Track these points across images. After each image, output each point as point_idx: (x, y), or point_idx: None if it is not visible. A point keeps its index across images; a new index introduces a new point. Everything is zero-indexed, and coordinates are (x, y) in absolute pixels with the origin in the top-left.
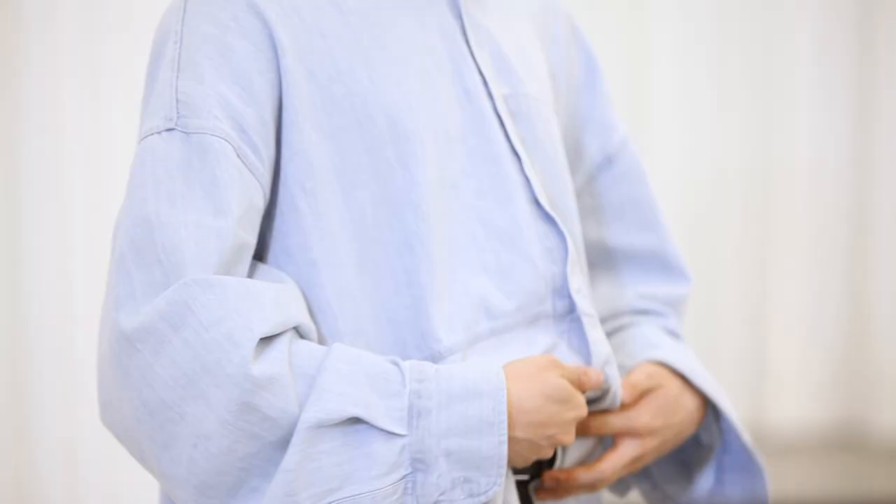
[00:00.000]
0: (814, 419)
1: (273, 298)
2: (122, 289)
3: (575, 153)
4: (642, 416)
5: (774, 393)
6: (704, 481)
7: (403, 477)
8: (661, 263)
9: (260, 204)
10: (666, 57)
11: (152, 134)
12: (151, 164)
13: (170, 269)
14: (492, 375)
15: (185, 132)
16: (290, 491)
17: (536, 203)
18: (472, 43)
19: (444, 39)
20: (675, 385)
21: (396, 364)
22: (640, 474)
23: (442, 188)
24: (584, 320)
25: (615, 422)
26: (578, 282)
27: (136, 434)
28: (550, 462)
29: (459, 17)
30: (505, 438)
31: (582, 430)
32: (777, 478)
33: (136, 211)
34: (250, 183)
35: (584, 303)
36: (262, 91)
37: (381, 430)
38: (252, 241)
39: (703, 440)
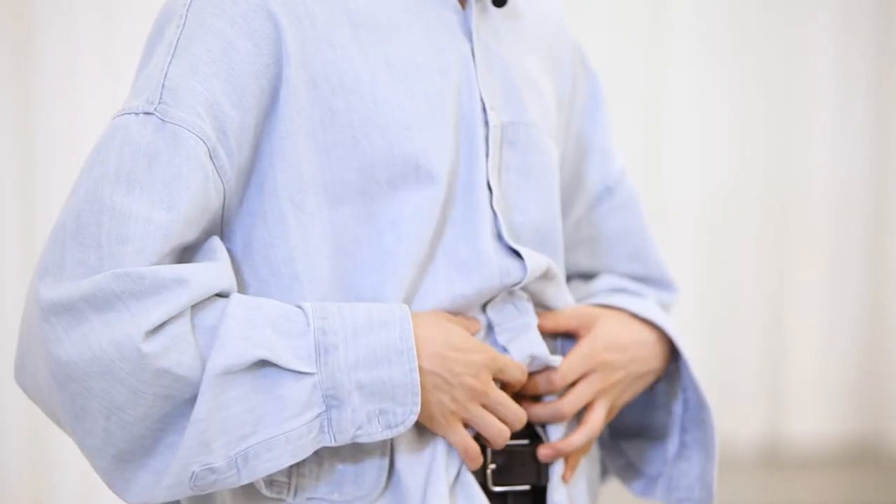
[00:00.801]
0: (832, 433)
1: (195, 280)
2: (51, 258)
3: (576, 181)
4: (586, 348)
5: (792, 406)
6: (671, 446)
7: (318, 416)
8: (647, 282)
9: (216, 207)
10: (684, 65)
11: (130, 113)
12: (120, 144)
13: (107, 256)
14: (395, 308)
15: (162, 119)
16: (203, 440)
17: (500, 237)
18: (479, 68)
19: (454, 62)
20: (616, 316)
21: (299, 306)
22: (613, 453)
23: (423, 213)
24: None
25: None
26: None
27: (49, 402)
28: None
29: (470, 41)
30: (416, 365)
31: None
32: (795, 491)
33: (92, 187)
34: (215, 186)
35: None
36: (253, 96)
37: (290, 370)
38: (197, 240)
39: (664, 400)
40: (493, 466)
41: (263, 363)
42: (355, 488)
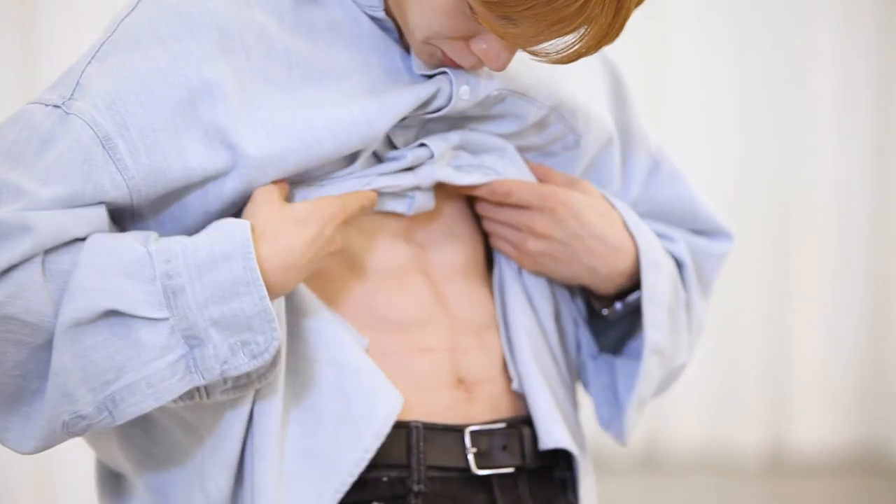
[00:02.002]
0: (836, 440)
1: (42, 226)
2: None
3: (625, 163)
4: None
5: (796, 414)
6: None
7: (181, 357)
8: (701, 236)
9: (115, 197)
10: (686, 68)
11: (41, 103)
12: (21, 126)
13: None
14: (236, 234)
15: (66, 112)
16: (65, 392)
17: None
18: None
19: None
20: (603, 208)
21: (146, 247)
22: (601, 370)
23: None
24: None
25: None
26: None
27: None
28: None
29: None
30: (264, 293)
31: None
32: (799, 499)
33: None
34: (105, 173)
35: None
36: (166, 102)
37: (143, 317)
38: (76, 228)
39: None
40: (474, 450)
41: (118, 313)
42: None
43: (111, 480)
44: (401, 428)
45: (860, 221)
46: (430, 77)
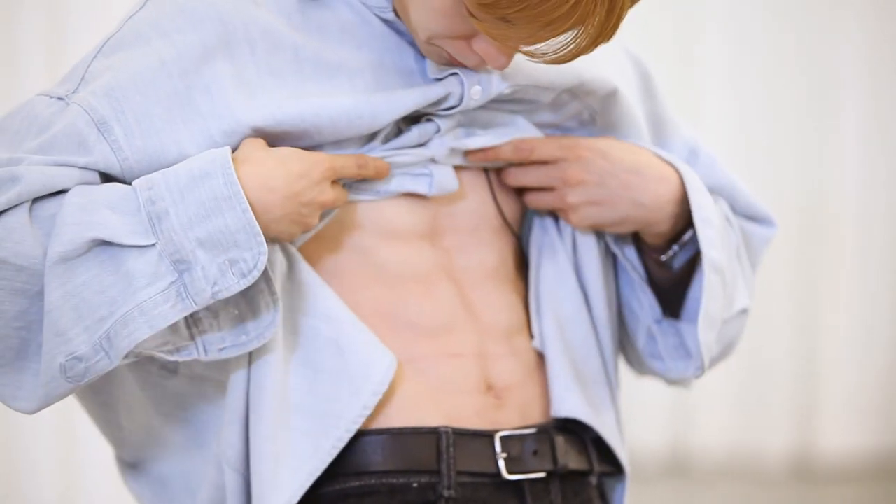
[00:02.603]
0: (863, 447)
1: (29, 176)
2: None
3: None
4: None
5: (823, 421)
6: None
7: (172, 283)
8: (745, 217)
9: (105, 171)
10: (717, 75)
11: (47, 95)
12: (25, 114)
13: None
14: (216, 155)
15: (67, 103)
16: (58, 331)
17: None
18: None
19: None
20: (632, 147)
21: (131, 185)
22: (668, 332)
23: None
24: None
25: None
26: None
27: None
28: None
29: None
30: (246, 206)
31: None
32: None
33: None
34: (99, 154)
35: None
36: (166, 92)
37: (130, 246)
38: (64, 180)
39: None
40: (504, 455)
41: (105, 245)
42: (256, 324)
43: (131, 472)
44: (430, 434)
45: (890, 229)
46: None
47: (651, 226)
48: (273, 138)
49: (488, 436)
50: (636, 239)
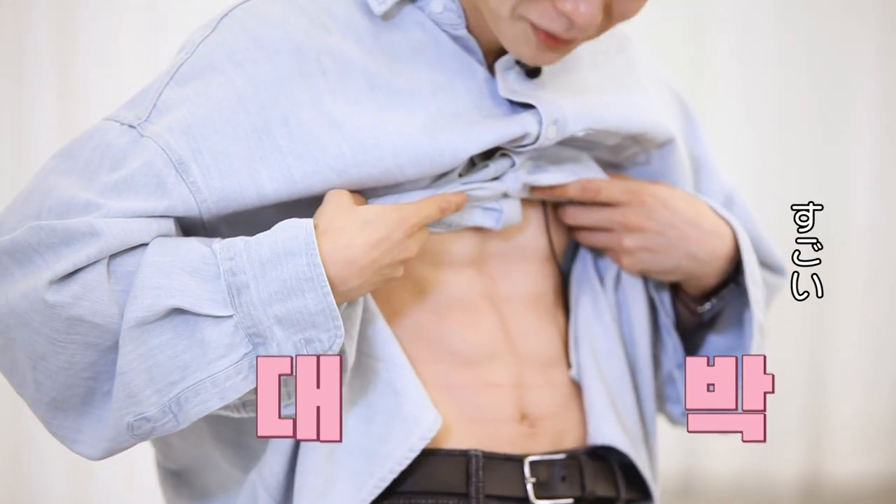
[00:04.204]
0: (873, 472)
1: (108, 231)
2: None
3: (699, 193)
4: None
5: (834, 446)
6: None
7: (245, 355)
8: (764, 266)
9: (184, 215)
10: (724, 80)
11: (117, 121)
12: (96, 143)
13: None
14: (300, 232)
15: (140, 134)
16: (129, 392)
17: None
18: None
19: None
20: (690, 198)
21: (210, 247)
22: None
23: None
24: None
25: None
26: None
27: None
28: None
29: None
30: (328, 290)
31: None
32: None
33: (57, 174)
34: (178, 195)
35: None
36: (240, 129)
37: (207, 315)
38: (142, 234)
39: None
40: (533, 480)
41: (182, 310)
42: None
43: (172, 478)
44: (460, 456)
45: None
46: (515, 104)
47: (698, 279)
48: (355, 179)
49: (518, 460)
50: (672, 284)
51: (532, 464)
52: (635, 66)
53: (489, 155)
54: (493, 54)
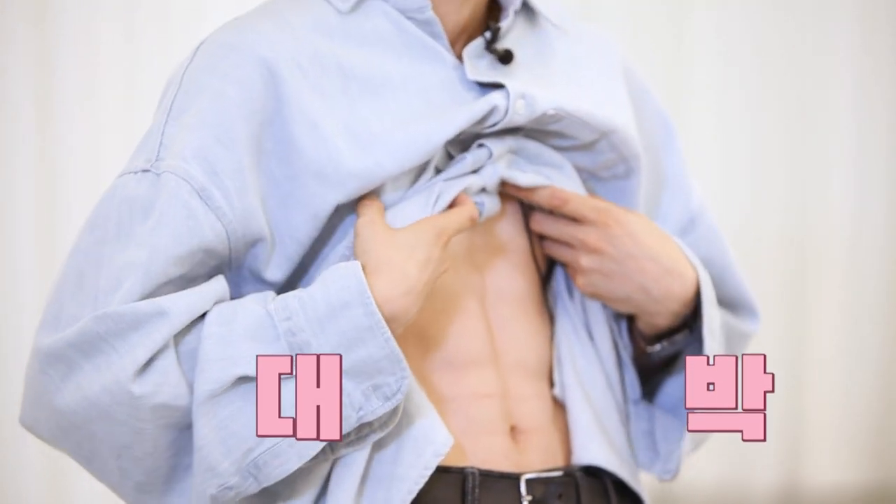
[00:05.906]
0: (852, 482)
1: (174, 309)
2: (52, 310)
3: (653, 213)
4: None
5: (812, 455)
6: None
7: None
8: (726, 307)
9: (216, 245)
10: (703, 91)
11: (130, 173)
12: (119, 202)
13: (101, 307)
14: (350, 281)
15: (156, 174)
16: (209, 466)
17: None
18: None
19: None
20: (660, 234)
21: (265, 307)
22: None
23: None
24: None
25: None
26: None
27: (59, 446)
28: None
29: (476, 92)
30: (388, 335)
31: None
32: None
33: (94, 245)
34: (210, 226)
35: None
36: (246, 138)
37: None
38: (195, 276)
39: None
40: (529, 498)
41: (247, 377)
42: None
43: None
44: (457, 473)
45: (877, 254)
46: (485, 85)
47: (651, 315)
48: (333, 180)
49: (514, 478)
50: (629, 318)
51: (528, 481)
52: (617, 72)
53: (466, 147)
54: (459, 41)
